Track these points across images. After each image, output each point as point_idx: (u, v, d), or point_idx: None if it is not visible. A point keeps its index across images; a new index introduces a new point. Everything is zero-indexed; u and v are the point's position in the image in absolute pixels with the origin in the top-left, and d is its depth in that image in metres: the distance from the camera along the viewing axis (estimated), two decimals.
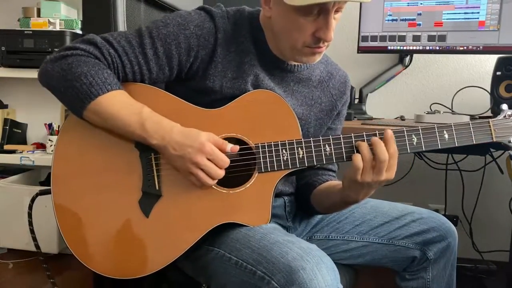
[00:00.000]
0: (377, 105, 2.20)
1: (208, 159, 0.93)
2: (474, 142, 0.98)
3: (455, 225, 1.14)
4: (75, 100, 0.94)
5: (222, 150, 0.95)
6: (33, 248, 2.18)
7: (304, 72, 1.11)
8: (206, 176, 0.94)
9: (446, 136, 0.98)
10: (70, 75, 0.93)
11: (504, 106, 1.00)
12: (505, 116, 0.99)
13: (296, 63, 1.09)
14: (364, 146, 0.95)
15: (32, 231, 1.14)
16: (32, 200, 1.14)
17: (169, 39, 0.99)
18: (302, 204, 1.20)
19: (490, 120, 0.99)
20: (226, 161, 0.95)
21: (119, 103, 0.95)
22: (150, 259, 0.97)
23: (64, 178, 0.99)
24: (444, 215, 1.16)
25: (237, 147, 0.98)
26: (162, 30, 0.99)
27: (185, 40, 1.00)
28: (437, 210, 1.18)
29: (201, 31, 1.01)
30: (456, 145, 0.98)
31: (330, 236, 1.18)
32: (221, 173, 0.95)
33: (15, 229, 2.23)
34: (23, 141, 2.54)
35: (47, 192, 1.03)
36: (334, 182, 1.13)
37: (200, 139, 0.93)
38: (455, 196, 2.11)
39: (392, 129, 0.98)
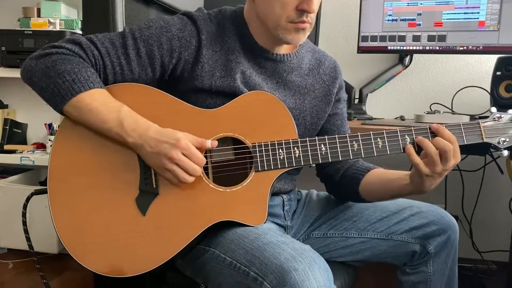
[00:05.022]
0: (377, 105, 2.20)
1: (184, 155, 0.93)
2: (465, 143, 1.02)
3: None
4: (56, 96, 0.95)
5: (202, 147, 0.96)
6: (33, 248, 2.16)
7: (293, 60, 1.13)
8: (182, 171, 0.94)
9: None
10: (53, 72, 0.94)
11: (493, 109, 1.06)
12: (494, 119, 1.04)
13: (284, 53, 1.10)
14: (427, 142, 0.98)
15: (26, 231, 1.12)
16: (27, 200, 1.13)
17: (151, 41, 1.01)
18: (346, 196, 1.20)
19: (480, 121, 1.04)
20: (200, 158, 0.95)
21: (99, 100, 0.96)
22: (147, 257, 0.97)
23: (61, 176, 0.99)
24: None
25: (216, 142, 0.98)
26: (145, 32, 1.02)
27: (167, 42, 1.02)
28: None
29: (182, 33, 1.03)
30: None
31: (328, 234, 1.18)
32: (198, 169, 0.95)
33: (15, 229, 2.23)
34: (23, 141, 2.54)
35: (43, 191, 1.02)
36: (389, 176, 1.11)
37: (176, 135, 0.94)
38: (455, 196, 2.11)
39: (386, 130, 1.02)
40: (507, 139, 1.03)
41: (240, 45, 1.07)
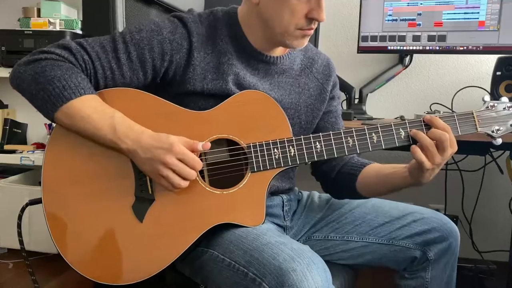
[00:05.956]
0: (377, 105, 2.20)
1: (179, 159, 0.92)
2: (460, 134, 1.01)
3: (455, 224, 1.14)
4: (47, 103, 0.93)
5: (194, 150, 0.95)
6: (33, 248, 2.16)
7: (286, 62, 1.12)
8: (177, 177, 0.93)
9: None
10: (43, 78, 0.93)
11: (486, 97, 1.04)
12: (487, 107, 1.02)
13: (277, 55, 1.10)
14: (421, 134, 0.98)
15: (21, 242, 1.11)
16: (22, 210, 1.11)
17: (142, 44, 1.00)
18: (344, 193, 1.19)
19: (474, 111, 1.02)
20: (197, 161, 0.94)
21: (91, 107, 0.94)
22: (146, 263, 0.96)
23: (55, 187, 0.97)
24: (444, 215, 1.16)
25: (209, 144, 0.97)
26: (136, 35, 1.00)
27: (158, 45, 1.01)
28: (437, 210, 1.17)
29: (173, 36, 1.02)
30: None
31: (329, 236, 1.18)
32: (193, 173, 0.94)
33: (15, 229, 2.23)
34: (23, 141, 2.54)
35: (38, 201, 1.01)
36: (386, 170, 1.11)
37: (169, 140, 0.92)
38: (455, 196, 2.11)
39: (380, 125, 1.02)
40: (501, 128, 1.02)
41: (232, 47, 1.06)
